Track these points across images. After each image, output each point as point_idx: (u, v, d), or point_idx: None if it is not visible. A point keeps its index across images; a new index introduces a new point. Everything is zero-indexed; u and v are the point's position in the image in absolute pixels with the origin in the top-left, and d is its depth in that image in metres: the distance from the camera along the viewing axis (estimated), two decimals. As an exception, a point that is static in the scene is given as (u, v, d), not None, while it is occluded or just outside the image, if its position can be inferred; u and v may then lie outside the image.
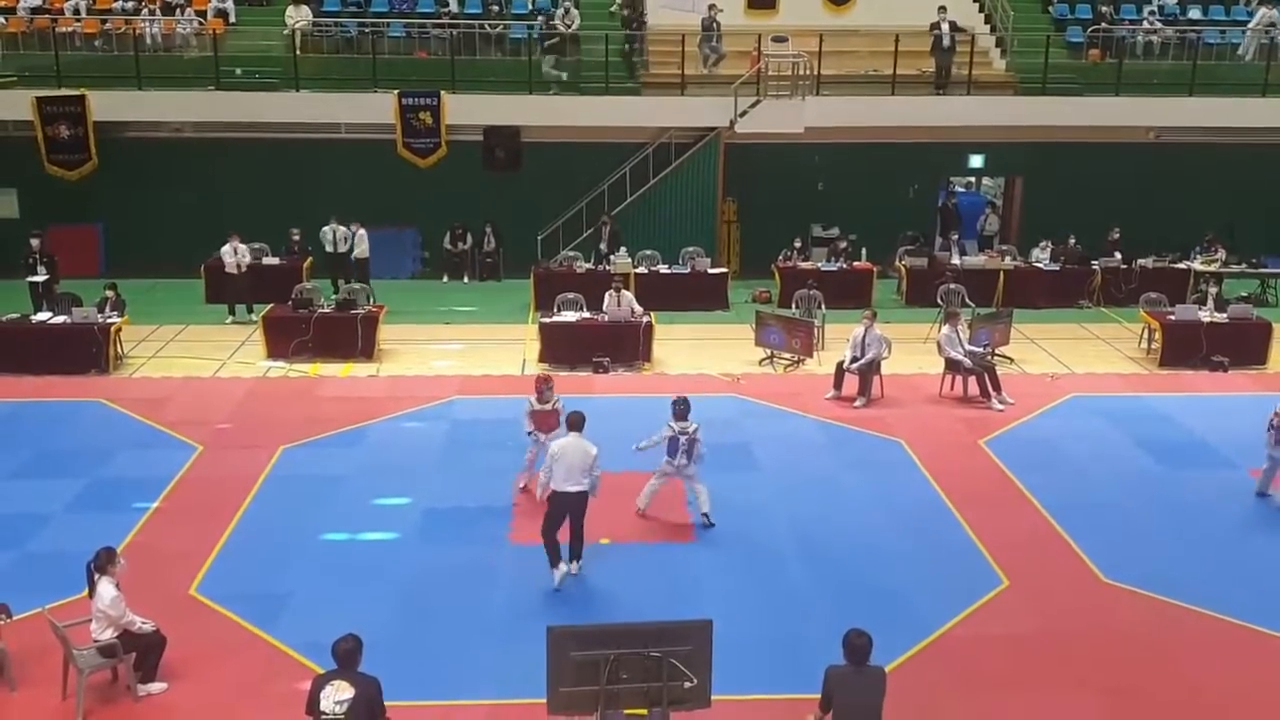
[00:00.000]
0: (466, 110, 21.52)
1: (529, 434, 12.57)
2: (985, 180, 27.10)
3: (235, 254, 19.14)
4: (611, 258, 20.30)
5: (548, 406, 12.45)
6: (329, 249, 20.48)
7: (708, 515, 11.88)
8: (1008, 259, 21.45)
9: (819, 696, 7.53)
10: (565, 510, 10.57)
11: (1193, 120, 22.37)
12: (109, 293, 17.31)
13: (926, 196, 23.63)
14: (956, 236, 22.24)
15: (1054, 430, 14.94)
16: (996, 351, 17.36)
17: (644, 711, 7.42)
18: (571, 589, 10.63)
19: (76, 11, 22.45)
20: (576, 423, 10.68)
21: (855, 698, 7.42)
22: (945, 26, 22.12)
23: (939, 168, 23.90)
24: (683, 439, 11.63)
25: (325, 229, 20.37)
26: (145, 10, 22.40)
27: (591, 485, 10.55)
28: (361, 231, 20.44)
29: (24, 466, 13.22)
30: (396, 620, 10.12)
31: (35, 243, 18.52)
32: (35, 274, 18.31)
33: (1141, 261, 21.09)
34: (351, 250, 20.48)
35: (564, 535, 10.73)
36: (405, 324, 18.81)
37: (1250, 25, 23.44)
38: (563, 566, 10.64)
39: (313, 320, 17.29)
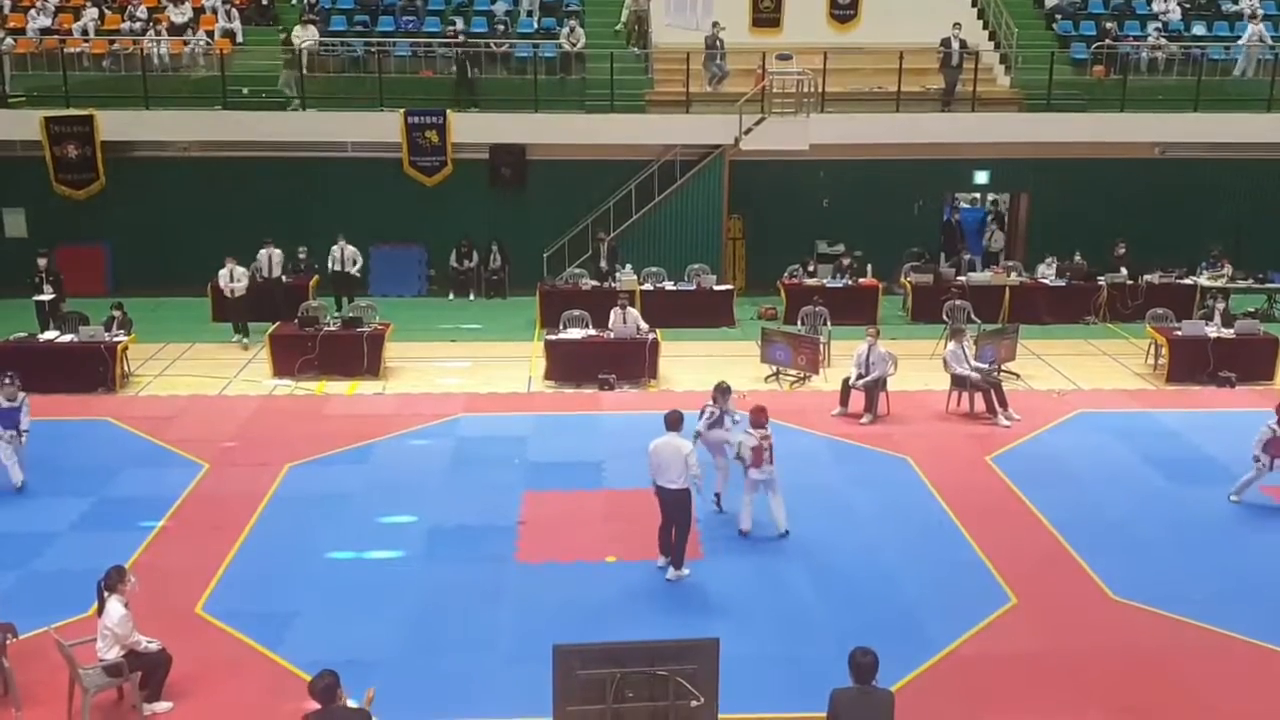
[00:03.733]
0: (472, 129, 21.60)
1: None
2: (991, 196, 27.09)
3: (232, 278, 18.98)
4: (617, 275, 20.32)
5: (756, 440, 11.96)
6: (335, 267, 20.57)
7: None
8: (1013, 275, 21.43)
9: (824, 716, 7.46)
10: (664, 506, 10.97)
11: (1197, 136, 22.37)
12: (115, 312, 17.35)
13: (931, 213, 23.64)
14: (968, 257, 22.23)
15: (1061, 446, 14.90)
16: (1003, 367, 17.33)
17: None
18: (577, 606, 10.60)
19: (85, 32, 22.59)
20: (673, 422, 10.98)
21: None
22: (956, 44, 22.19)
23: (944, 184, 23.90)
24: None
25: (334, 247, 20.47)
26: (152, 31, 22.54)
27: (690, 482, 10.82)
28: (351, 248, 20.62)
29: (30, 485, 13.17)
30: (402, 639, 10.10)
31: (42, 262, 18.54)
32: (41, 293, 18.34)
33: (1147, 277, 21.05)
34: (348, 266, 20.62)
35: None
36: (411, 342, 18.82)
37: (1242, 41, 23.48)
38: (661, 559, 11.21)
39: (319, 338, 17.31)
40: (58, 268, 18.98)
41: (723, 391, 12.69)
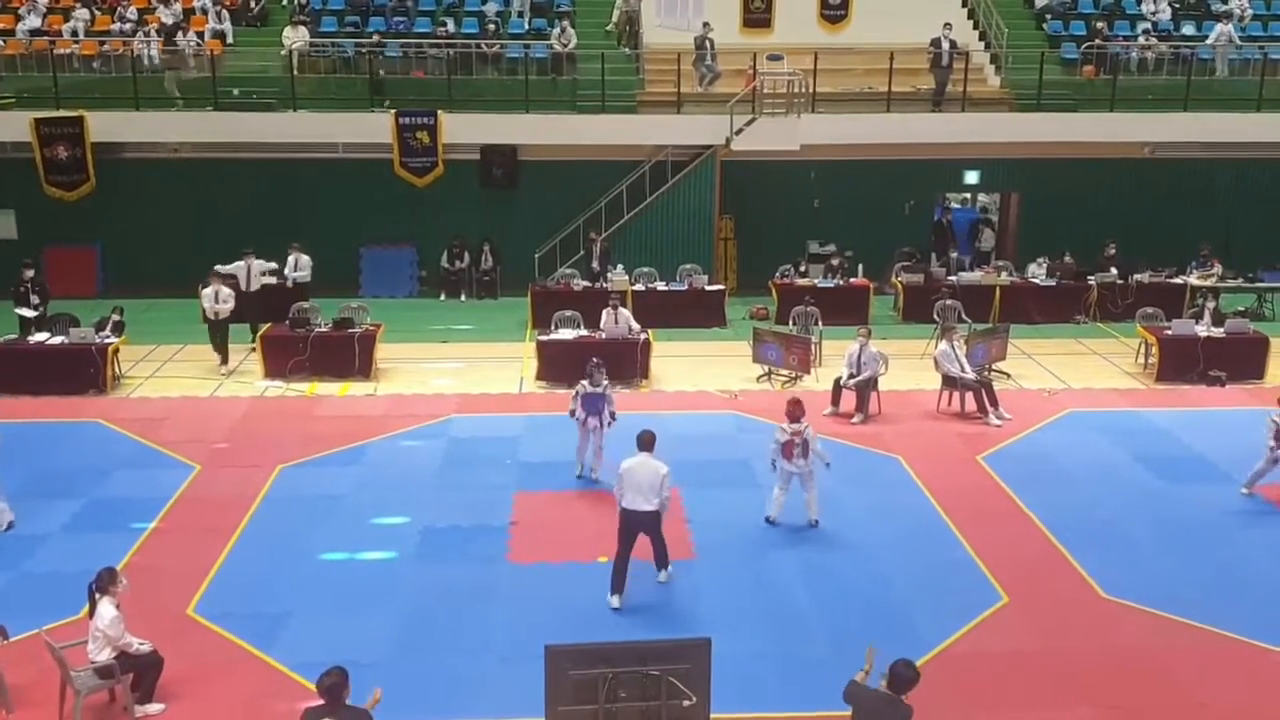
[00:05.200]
0: (463, 129, 21.60)
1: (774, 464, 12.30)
2: (982, 196, 27.17)
3: (216, 299, 17.41)
4: (609, 275, 20.33)
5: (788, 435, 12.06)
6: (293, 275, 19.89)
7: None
8: (1004, 274, 21.48)
9: (820, 714, 7.46)
10: (635, 529, 10.61)
11: (1187, 135, 22.43)
12: (116, 315, 17.22)
13: (922, 213, 23.69)
14: (956, 255, 22.28)
15: (1052, 445, 14.95)
16: (993, 367, 17.37)
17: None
18: (569, 607, 10.61)
19: (75, 33, 22.55)
20: (647, 442, 10.72)
21: None
22: (946, 44, 22.24)
23: (934, 184, 23.93)
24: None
25: (289, 258, 19.80)
26: (143, 32, 22.48)
27: (661, 504, 10.54)
28: (305, 258, 19.91)
29: (22, 487, 13.07)
30: (394, 640, 10.11)
31: (29, 273, 17.97)
32: (27, 304, 17.66)
33: (1138, 276, 21.10)
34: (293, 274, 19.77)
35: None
36: (402, 343, 18.80)
37: (1209, 41, 23.58)
38: (615, 600, 10.63)
39: (310, 339, 17.29)
40: (45, 278, 18.59)
41: (597, 367, 13.15)
